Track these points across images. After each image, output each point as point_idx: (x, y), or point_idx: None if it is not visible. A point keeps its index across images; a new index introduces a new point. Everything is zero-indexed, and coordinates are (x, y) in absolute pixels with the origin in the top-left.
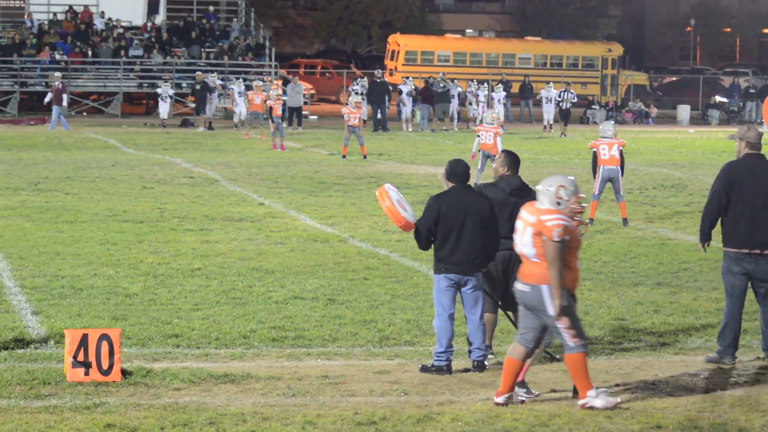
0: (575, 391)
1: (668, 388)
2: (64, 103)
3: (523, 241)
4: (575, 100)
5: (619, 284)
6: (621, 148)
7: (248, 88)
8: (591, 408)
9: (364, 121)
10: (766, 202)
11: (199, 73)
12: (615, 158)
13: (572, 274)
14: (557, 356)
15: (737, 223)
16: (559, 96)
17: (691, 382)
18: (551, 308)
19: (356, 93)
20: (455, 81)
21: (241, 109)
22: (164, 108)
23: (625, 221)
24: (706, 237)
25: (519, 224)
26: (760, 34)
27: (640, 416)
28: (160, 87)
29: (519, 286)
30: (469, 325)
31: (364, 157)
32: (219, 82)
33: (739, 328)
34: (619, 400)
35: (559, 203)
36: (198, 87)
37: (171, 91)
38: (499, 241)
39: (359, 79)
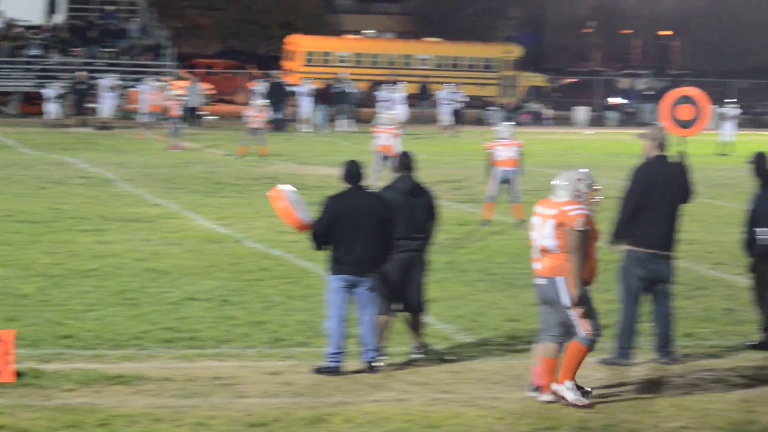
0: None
1: None
2: None
3: (543, 234)
4: (466, 99)
5: (513, 285)
6: (518, 149)
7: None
8: (561, 396)
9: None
10: (673, 203)
11: (81, 72)
12: (511, 159)
13: (591, 265)
14: (449, 357)
15: (650, 224)
16: (448, 97)
17: (585, 383)
18: (566, 298)
19: (260, 94)
20: (351, 82)
21: (104, 107)
22: (53, 108)
23: (519, 222)
24: (620, 238)
25: (536, 220)
26: (657, 36)
27: (531, 418)
28: (47, 87)
29: (537, 281)
30: (362, 327)
31: (263, 157)
32: (118, 82)
33: (635, 330)
34: (589, 402)
35: (578, 195)
36: (80, 86)
37: (56, 92)
38: (395, 242)
39: (260, 80)
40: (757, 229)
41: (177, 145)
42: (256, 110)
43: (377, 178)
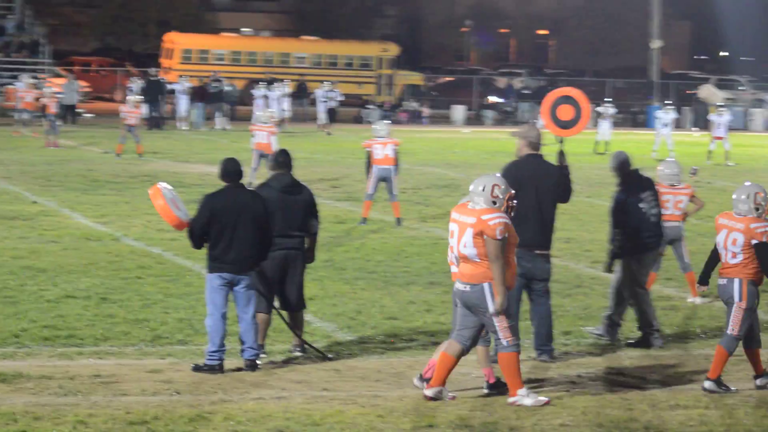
0: (493, 387)
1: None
2: None
3: (462, 242)
4: (342, 98)
5: (392, 284)
6: (395, 147)
7: None
8: (519, 406)
9: (143, 120)
10: (547, 202)
11: None
12: (389, 157)
13: (511, 271)
14: (329, 355)
15: (521, 223)
16: (324, 95)
17: (464, 381)
18: (492, 306)
19: (133, 92)
20: (223, 80)
21: None
22: None
23: (398, 221)
24: None
25: (454, 227)
26: (534, 35)
27: (412, 415)
28: None
29: (459, 286)
30: (241, 325)
31: (140, 155)
32: None
33: (516, 328)
34: (548, 399)
35: (495, 202)
36: None
37: None
38: (273, 240)
39: (135, 78)
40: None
41: (54, 142)
42: (131, 106)
43: (255, 176)
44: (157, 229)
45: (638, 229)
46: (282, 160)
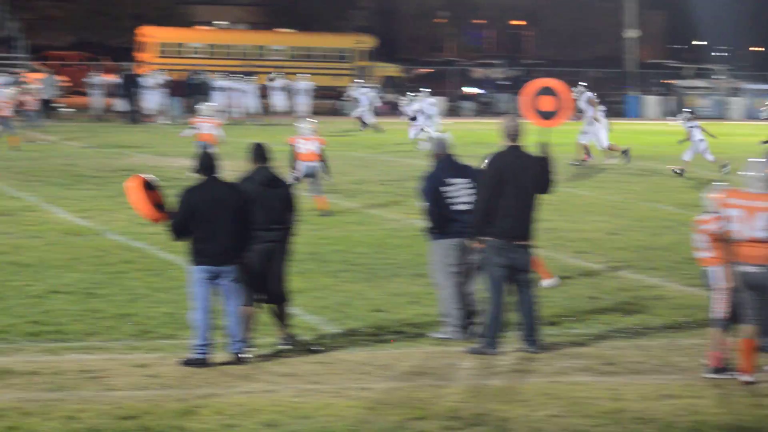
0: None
1: (429, 379)
2: None
3: (755, 226)
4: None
5: (377, 276)
6: (320, 145)
7: None
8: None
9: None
10: (528, 193)
11: None
12: (313, 153)
13: None
14: (316, 348)
15: (504, 213)
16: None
17: (453, 372)
18: None
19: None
20: (203, 73)
21: None
22: None
23: (326, 213)
24: (481, 231)
25: (738, 212)
26: (509, 26)
27: (402, 407)
28: None
29: (750, 269)
30: (227, 318)
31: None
32: None
33: (502, 320)
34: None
35: None
36: None
37: None
38: (253, 233)
39: (92, 73)
40: None
41: (32, 138)
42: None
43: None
44: (140, 224)
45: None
46: (261, 153)
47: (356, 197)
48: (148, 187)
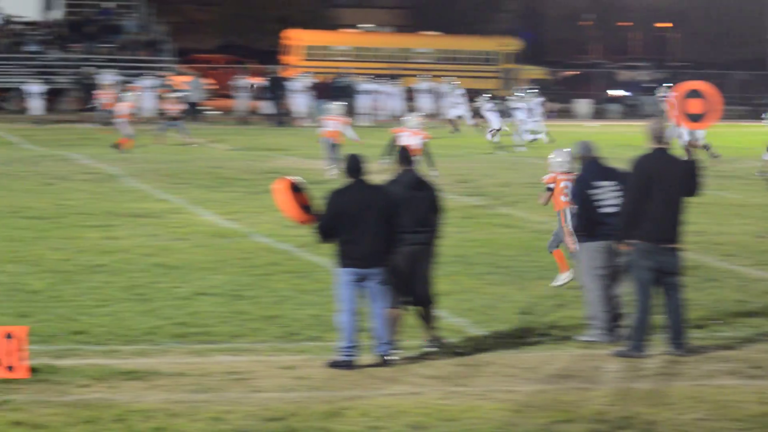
0: None
1: (576, 382)
2: None
3: None
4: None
5: (523, 278)
6: (424, 140)
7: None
8: None
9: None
10: (675, 195)
11: (87, 68)
12: (416, 148)
13: None
14: (462, 350)
15: (653, 216)
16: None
17: (599, 375)
18: None
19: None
20: (349, 76)
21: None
22: (36, 104)
23: None
24: (628, 233)
25: None
26: (655, 28)
27: (548, 410)
28: (30, 84)
29: None
30: (374, 320)
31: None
32: (117, 78)
33: (649, 323)
34: None
35: None
36: (88, 82)
37: (40, 88)
38: (400, 235)
39: (237, 76)
40: None
41: (182, 141)
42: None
43: (333, 166)
44: (286, 226)
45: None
46: (407, 156)
47: (502, 199)
48: (295, 189)
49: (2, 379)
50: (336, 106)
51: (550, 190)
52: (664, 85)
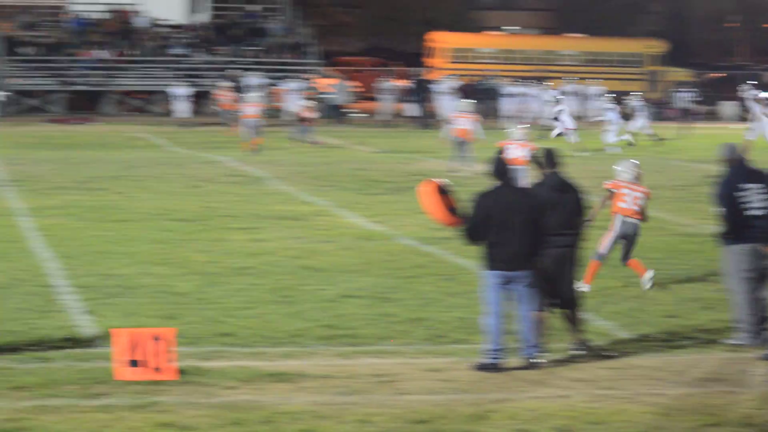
0: None
1: (723, 385)
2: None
3: None
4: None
5: (670, 281)
6: (531, 151)
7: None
8: None
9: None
10: None
11: (232, 71)
12: (521, 159)
13: None
14: (610, 353)
15: None
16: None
17: (747, 379)
18: None
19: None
20: (493, 79)
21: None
22: (182, 107)
23: None
24: None
25: None
26: None
27: (695, 413)
28: (176, 87)
29: None
30: (521, 323)
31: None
32: (262, 81)
33: None
34: None
35: None
36: (235, 85)
37: (186, 91)
38: (546, 238)
39: (380, 78)
40: None
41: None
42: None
43: (464, 164)
44: (432, 228)
45: None
46: (552, 158)
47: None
48: (442, 191)
49: (150, 380)
50: (466, 103)
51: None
52: (747, 82)
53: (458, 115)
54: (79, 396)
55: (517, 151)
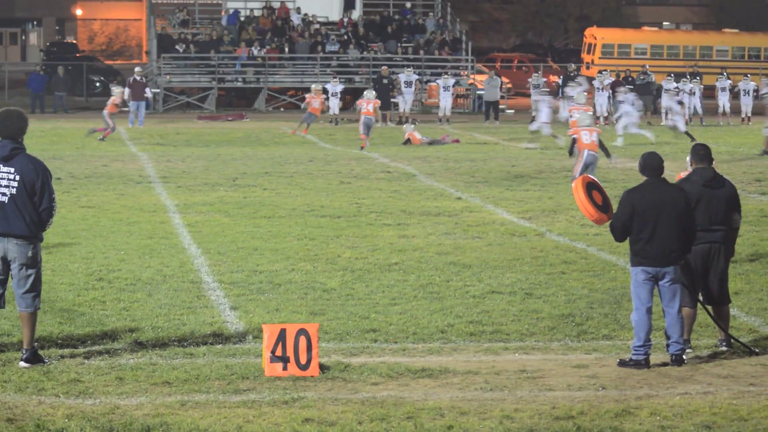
0: None
1: None
2: (148, 95)
3: None
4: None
5: None
6: (599, 135)
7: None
8: None
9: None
10: None
11: (384, 67)
12: (594, 143)
13: None
14: (756, 350)
15: None
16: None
17: None
18: None
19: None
20: (650, 74)
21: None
22: (334, 104)
23: None
24: None
25: None
26: None
27: None
28: (329, 83)
29: None
30: (667, 319)
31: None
32: (416, 77)
33: None
34: None
35: None
36: (384, 81)
37: (339, 87)
38: (695, 233)
39: (536, 74)
40: None
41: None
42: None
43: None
44: (581, 224)
45: None
46: (703, 153)
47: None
48: (592, 187)
49: (294, 376)
50: (579, 94)
51: None
52: None
53: (575, 107)
54: (223, 391)
55: (590, 136)
